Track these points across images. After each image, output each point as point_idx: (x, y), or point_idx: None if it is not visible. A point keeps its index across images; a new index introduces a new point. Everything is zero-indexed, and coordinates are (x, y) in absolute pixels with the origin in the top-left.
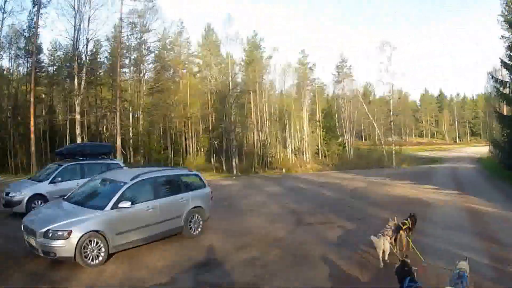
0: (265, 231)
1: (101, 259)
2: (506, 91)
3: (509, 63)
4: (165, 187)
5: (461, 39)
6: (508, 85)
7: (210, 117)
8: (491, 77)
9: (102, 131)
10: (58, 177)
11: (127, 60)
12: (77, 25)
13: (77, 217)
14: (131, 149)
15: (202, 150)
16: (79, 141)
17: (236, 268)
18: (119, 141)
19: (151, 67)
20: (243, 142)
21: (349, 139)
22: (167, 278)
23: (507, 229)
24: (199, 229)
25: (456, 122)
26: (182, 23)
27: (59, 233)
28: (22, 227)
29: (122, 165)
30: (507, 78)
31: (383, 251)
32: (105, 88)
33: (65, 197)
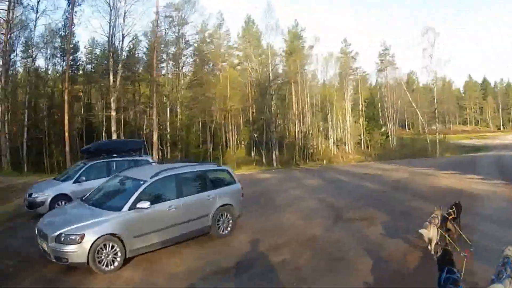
0: (301, 229)
1: (117, 264)
2: None
3: None
4: (190, 185)
5: (505, 23)
6: None
7: (250, 110)
8: None
9: (141, 127)
10: (82, 176)
11: (164, 54)
12: (112, 21)
13: (91, 220)
14: (168, 144)
15: (242, 143)
16: (114, 137)
17: (264, 274)
18: (156, 137)
19: (189, 60)
20: (284, 134)
21: (392, 128)
22: (185, 284)
23: None
24: (229, 228)
25: (500, 109)
26: (221, 15)
27: (72, 237)
28: (36, 230)
29: (151, 161)
30: None
31: (430, 240)
32: (144, 84)
33: (83, 198)
